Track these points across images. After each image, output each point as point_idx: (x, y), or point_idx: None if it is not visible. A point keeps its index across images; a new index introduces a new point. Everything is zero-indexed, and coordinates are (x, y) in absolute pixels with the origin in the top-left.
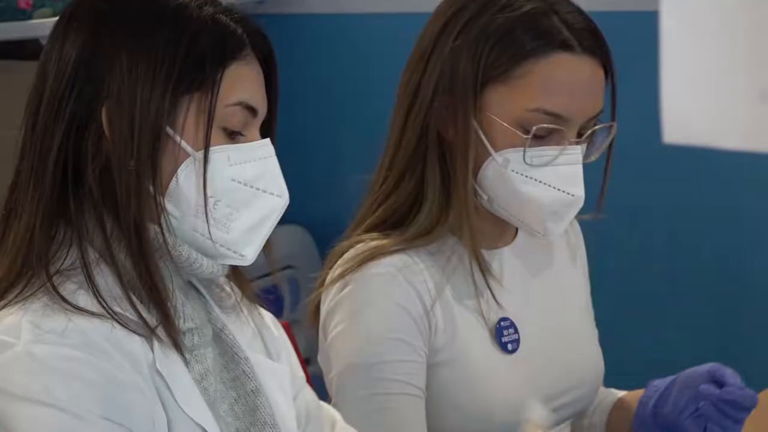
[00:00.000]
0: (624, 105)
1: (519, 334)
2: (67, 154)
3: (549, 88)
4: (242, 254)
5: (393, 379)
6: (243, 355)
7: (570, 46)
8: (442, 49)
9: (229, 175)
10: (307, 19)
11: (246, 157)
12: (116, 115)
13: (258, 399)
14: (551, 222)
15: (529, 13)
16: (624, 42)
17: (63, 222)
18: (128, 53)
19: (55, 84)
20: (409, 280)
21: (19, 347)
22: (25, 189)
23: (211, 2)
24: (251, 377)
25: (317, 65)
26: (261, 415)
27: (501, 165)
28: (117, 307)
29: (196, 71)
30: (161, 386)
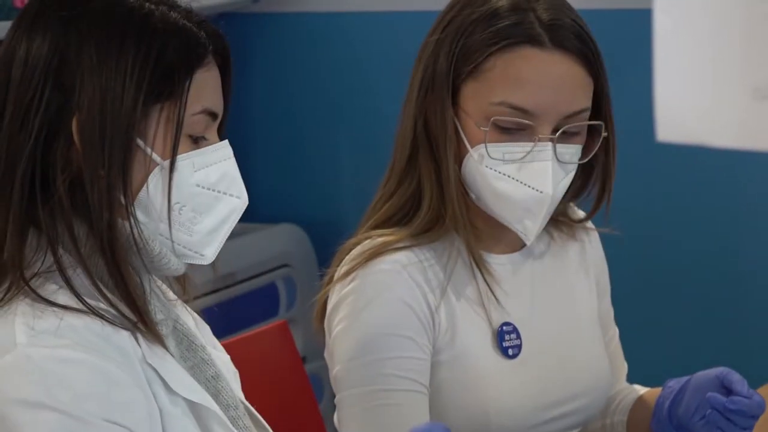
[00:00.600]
0: (617, 103)
1: (521, 340)
2: (35, 163)
3: (514, 82)
4: (202, 254)
5: (396, 375)
6: (200, 343)
7: (539, 42)
8: (427, 47)
9: (194, 181)
10: (303, 17)
11: (208, 161)
12: (87, 127)
13: (219, 383)
14: (528, 220)
15: (502, 7)
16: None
17: (34, 228)
18: (97, 64)
19: (22, 92)
20: (413, 278)
21: (16, 351)
22: None
23: (175, 7)
24: (210, 364)
25: (313, 64)
26: (224, 399)
27: (477, 161)
28: (97, 303)
29: (165, 82)
30: (152, 378)
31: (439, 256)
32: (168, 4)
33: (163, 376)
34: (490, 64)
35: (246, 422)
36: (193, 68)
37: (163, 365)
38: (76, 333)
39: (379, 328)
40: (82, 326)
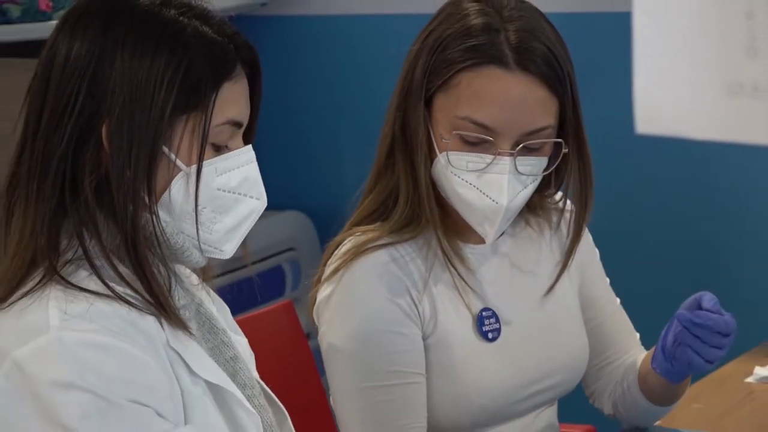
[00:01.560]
0: (600, 99)
1: (500, 324)
2: (66, 163)
3: (477, 99)
4: (222, 250)
5: (389, 371)
6: (220, 327)
7: (504, 62)
8: (409, 55)
9: (215, 185)
10: (308, 19)
11: (231, 166)
12: (116, 134)
13: (237, 365)
14: (487, 225)
15: (474, 26)
16: (599, 40)
17: (66, 220)
18: (129, 75)
19: (58, 96)
20: (395, 274)
21: (50, 334)
22: (24, 190)
23: (207, 20)
24: (229, 346)
25: (318, 64)
26: (241, 379)
27: (443, 165)
28: (124, 290)
29: (191, 95)
30: (175, 360)
31: (419, 250)
32: (203, 18)
33: (185, 359)
34: (458, 80)
35: (261, 401)
36: (220, 82)
37: (186, 349)
38: (105, 318)
39: (367, 327)
40: (111, 311)
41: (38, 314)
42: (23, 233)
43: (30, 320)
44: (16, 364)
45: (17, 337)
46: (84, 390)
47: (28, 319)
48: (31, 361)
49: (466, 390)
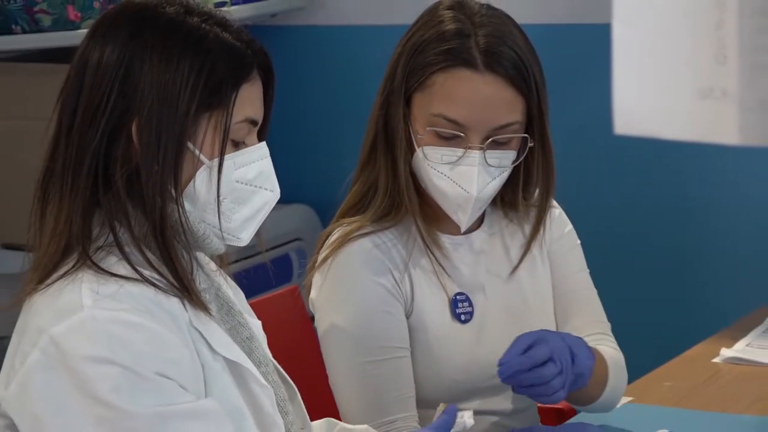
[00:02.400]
0: (582, 103)
1: (473, 307)
2: (99, 158)
3: (449, 98)
4: (239, 237)
5: (380, 347)
6: (237, 309)
7: (473, 65)
8: (392, 58)
9: (233, 178)
10: (314, 29)
11: (247, 160)
12: (145, 130)
13: (252, 344)
14: (460, 213)
15: (448, 32)
16: (583, 49)
17: (99, 210)
18: (156, 78)
19: (92, 96)
20: (379, 258)
21: (84, 312)
22: (59, 182)
23: (227, 27)
24: (245, 326)
25: (323, 70)
26: (256, 357)
27: (421, 158)
28: (151, 274)
29: (213, 94)
30: (197, 338)
31: (400, 237)
32: (222, 25)
33: (206, 338)
34: (432, 80)
35: (275, 377)
36: (239, 83)
37: (207, 328)
38: (133, 298)
39: (357, 308)
40: (138, 293)
41: (73, 295)
42: (58, 222)
43: (65, 300)
44: (53, 341)
45: (53, 315)
46: (114, 364)
47: (64, 300)
48: (67, 338)
49: (442, 368)
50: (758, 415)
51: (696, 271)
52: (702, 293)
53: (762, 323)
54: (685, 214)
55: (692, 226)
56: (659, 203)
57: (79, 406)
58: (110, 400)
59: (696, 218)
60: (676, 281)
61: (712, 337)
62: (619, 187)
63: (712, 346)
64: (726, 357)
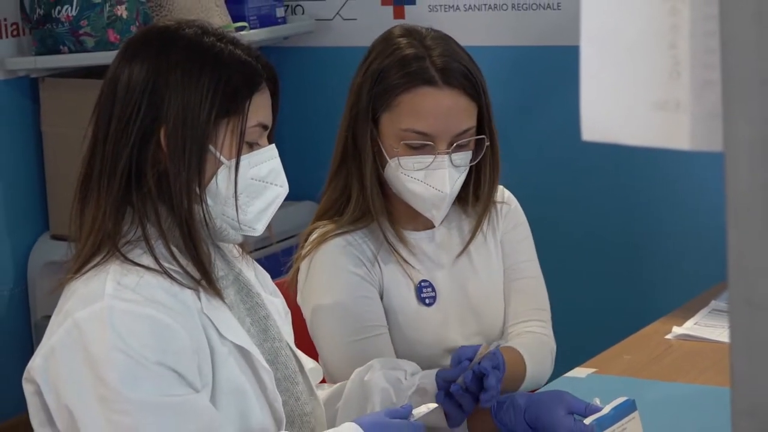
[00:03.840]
0: (554, 113)
1: (436, 292)
2: (131, 162)
3: (415, 113)
4: (255, 228)
5: (361, 327)
6: (255, 291)
7: (432, 82)
8: (353, 84)
9: (249, 175)
10: (321, 50)
11: (260, 160)
12: (171, 136)
13: (268, 322)
14: (434, 210)
15: (406, 57)
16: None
17: (129, 208)
18: (181, 90)
19: (124, 107)
20: (353, 253)
21: (104, 301)
22: (96, 185)
23: (237, 44)
24: (262, 306)
25: (327, 85)
26: (271, 333)
27: (394, 168)
28: (171, 266)
29: (230, 103)
30: (207, 324)
31: (370, 235)
32: (234, 44)
33: (216, 324)
34: (398, 101)
35: (287, 352)
36: (252, 92)
37: (217, 315)
38: (151, 289)
39: (338, 297)
40: (156, 284)
41: (98, 284)
42: (95, 220)
43: (91, 288)
44: (75, 324)
45: (80, 301)
46: (122, 352)
47: (90, 287)
48: (86, 323)
49: (415, 346)
50: (704, 384)
51: (652, 260)
52: (657, 279)
53: (707, 305)
54: (644, 209)
55: (650, 221)
56: (622, 199)
57: (88, 382)
58: (113, 383)
59: (654, 215)
60: (635, 269)
61: (665, 317)
62: (587, 184)
63: (665, 325)
64: (677, 334)
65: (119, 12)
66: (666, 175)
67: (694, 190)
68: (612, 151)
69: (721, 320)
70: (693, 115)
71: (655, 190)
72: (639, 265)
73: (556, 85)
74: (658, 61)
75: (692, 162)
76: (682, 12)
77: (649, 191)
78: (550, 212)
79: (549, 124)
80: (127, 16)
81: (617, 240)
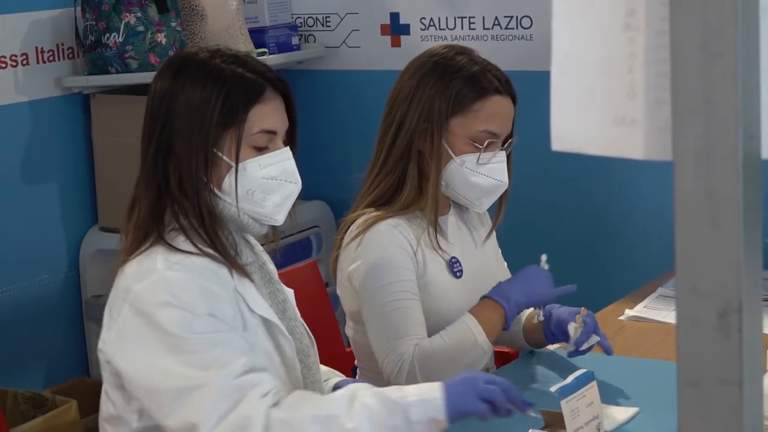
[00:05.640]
0: (531, 126)
1: (462, 267)
2: (158, 168)
3: (491, 117)
4: (276, 219)
5: (402, 291)
6: (275, 278)
7: (500, 91)
8: (422, 95)
9: (260, 175)
10: (330, 72)
11: (271, 161)
12: (181, 145)
13: (286, 305)
14: (485, 198)
15: (475, 72)
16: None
17: (168, 207)
18: (188, 104)
19: (150, 122)
20: (401, 233)
21: (158, 273)
22: (144, 190)
23: (245, 64)
24: (281, 291)
25: (336, 102)
26: (288, 314)
27: (459, 164)
28: (207, 249)
29: (229, 115)
30: (239, 300)
31: (411, 222)
32: (241, 63)
33: (246, 300)
34: (476, 106)
35: (301, 330)
36: (249, 105)
37: (247, 292)
38: (194, 265)
39: (387, 265)
40: (199, 262)
41: (150, 263)
42: (141, 215)
43: (144, 266)
44: (136, 295)
45: (136, 277)
46: (177, 307)
47: (143, 266)
48: (145, 291)
49: (442, 310)
50: (653, 358)
51: (607, 254)
52: (611, 270)
53: (655, 291)
54: (604, 208)
55: (608, 218)
56: (586, 199)
57: (154, 338)
58: (174, 331)
59: (611, 212)
60: (593, 262)
61: (619, 301)
62: (558, 187)
63: (619, 308)
64: (629, 316)
65: (159, 39)
66: (620, 181)
67: (646, 191)
68: (574, 160)
69: (666, 304)
70: (647, 129)
71: (615, 192)
72: (596, 258)
73: (527, 103)
74: (617, 82)
75: (642, 170)
76: (638, 41)
77: (604, 196)
78: (520, 213)
79: (521, 136)
80: (165, 42)
81: (578, 238)
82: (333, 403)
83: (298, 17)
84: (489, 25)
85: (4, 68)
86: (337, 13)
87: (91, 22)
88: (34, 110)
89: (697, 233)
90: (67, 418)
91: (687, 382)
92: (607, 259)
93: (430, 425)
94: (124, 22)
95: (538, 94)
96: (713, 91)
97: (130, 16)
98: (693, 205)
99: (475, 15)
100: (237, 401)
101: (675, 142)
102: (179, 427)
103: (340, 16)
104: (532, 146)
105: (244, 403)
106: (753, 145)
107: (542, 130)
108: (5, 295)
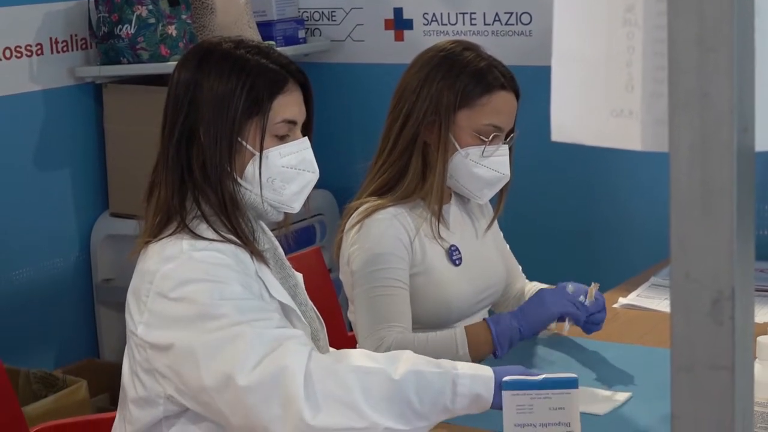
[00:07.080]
0: (529, 119)
1: (461, 255)
2: (182, 154)
3: (496, 111)
4: (292, 207)
5: (392, 278)
6: (287, 264)
7: (505, 87)
8: (431, 87)
9: (280, 163)
10: (335, 65)
11: (290, 151)
12: (206, 133)
13: (297, 289)
14: (487, 189)
15: (483, 67)
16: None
17: (189, 192)
18: (214, 93)
19: (172, 110)
20: (400, 222)
21: (185, 255)
22: (161, 175)
23: (268, 55)
24: (292, 277)
25: (341, 94)
26: (299, 298)
27: (464, 156)
28: (230, 236)
29: (254, 105)
30: (260, 285)
31: (411, 211)
32: (264, 54)
33: (266, 284)
34: (482, 100)
35: (311, 314)
36: (273, 95)
37: (266, 277)
38: (218, 249)
39: (380, 252)
40: (222, 247)
41: (176, 247)
42: (161, 199)
43: (170, 250)
44: (165, 276)
45: (162, 260)
46: (207, 281)
47: (169, 250)
48: (173, 271)
49: (445, 299)
50: (645, 345)
51: (602, 243)
52: (606, 260)
53: (648, 281)
54: (599, 201)
55: (603, 211)
56: (582, 192)
57: (187, 312)
58: (206, 302)
59: (606, 205)
60: (589, 251)
61: (613, 289)
62: (554, 179)
63: (613, 296)
64: (623, 304)
65: (169, 31)
66: (614, 174)
67: (642, 182)
68: (569, 153)
69: (658, 293)
70: (644, 121)
71: (605, 188)
72: (591, 248)
73: (528, 96)
74: (616, 76)
75: (636, 163)
76: (636, 36)
77: (599, 189)
78: (517, 204)
79: (522, 129)
80: (176, 34)
81: (574, 228)
82: (378, 357)
83: (304, 11)
84: (489, 21)
85: (19, 58)
86: (342, 7)
87: (103, 14)
88: (47, 99)
89: (691, 223)
90: (77, 398)
91: (680, 367)
92: (602, 249)
93: (474, 401)
94: (136, 15)
95: (537, 88)
96: (708, 84)
97: (141, 9)
98: (688, 195)
99: (476, 11)
100: (274, 348)
101: (671, 134)
102: (216, 382)
103: (346, 11)
104: (529, 139)
105: (281, 350)
106: (747, 138)
107: (539, 123)
108: (19, 278)
